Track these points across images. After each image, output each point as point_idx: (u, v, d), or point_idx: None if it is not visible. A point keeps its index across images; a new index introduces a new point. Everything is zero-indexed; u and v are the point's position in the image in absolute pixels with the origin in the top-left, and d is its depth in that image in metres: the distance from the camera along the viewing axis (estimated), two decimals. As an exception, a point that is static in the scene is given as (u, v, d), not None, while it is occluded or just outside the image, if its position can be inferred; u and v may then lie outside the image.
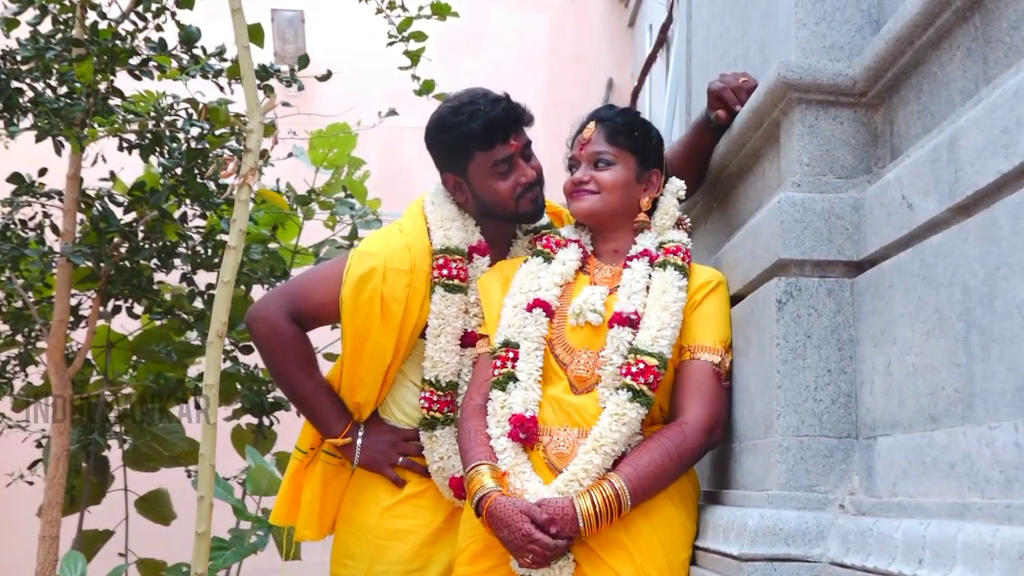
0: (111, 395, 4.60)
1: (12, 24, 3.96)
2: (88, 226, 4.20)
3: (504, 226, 2.79)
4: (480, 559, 2.44)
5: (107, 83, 3.92)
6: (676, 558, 2.38)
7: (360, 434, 2.73)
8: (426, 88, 4.13)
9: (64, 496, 4.12)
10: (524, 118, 2.69)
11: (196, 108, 3.80)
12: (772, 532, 2.04)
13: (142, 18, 4.01)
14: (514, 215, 2.72)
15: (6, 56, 3.88)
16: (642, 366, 2.38)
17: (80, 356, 4.17)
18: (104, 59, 3.83)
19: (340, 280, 2.67)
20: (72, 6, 3.94)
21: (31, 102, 3.87)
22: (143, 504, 4.80)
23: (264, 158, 3.37)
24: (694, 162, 2.78)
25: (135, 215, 4.21)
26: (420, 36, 4.12)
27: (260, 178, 3.11)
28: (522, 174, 2.68)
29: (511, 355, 2.49)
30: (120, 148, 4.06)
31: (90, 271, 4.19)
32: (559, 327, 2.52)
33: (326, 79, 4.10)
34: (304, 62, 4.08)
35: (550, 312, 2.52)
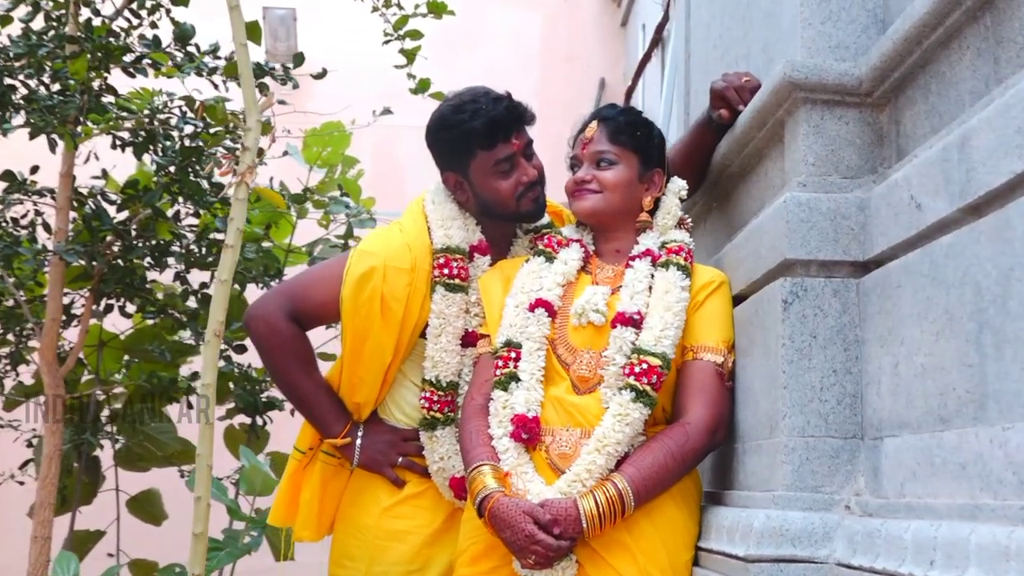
0: (103, 394, 4.57)
1: (5, 21, 3.93)
2: (80, 224, 4.17)
3: (505, 225, 2.78)
4: (482, 560, 2.43)
5: (101, 80, 3.89)
6: (679, 559, 2.37)
7: (360, 434, 2.72)
8: (422, 87, 4.11)
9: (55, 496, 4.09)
10: (526, 117, 2.68)
11: (193, 106, 3.77)
12: (778, 533, 2.03)
13: (136, 15, 3.98)
14: (515, 214, 2.71)
15: (-2, 52, 3.85)
16: (645, 366, 2.37)
17: (73, 355, 4.14)
18: (98, 56, 3.80)
19: (340, 279, 2.66)
20: (65, 2, 3.91)
21: (24, 99, 3.83)
22: (134, 504, 4.77)
23: (260, 156, 3.35)
24: (695, 162, 2.77)
25: (128, 213, 4.18)
26: (416, 34, 4.10)
27: (256, 177, 3.08)
28: (524, 173, 2.66)
29: (513, 355, 2.48)
30: (113, 146, 4.03)
31: (82, 270, 4.16)
32: (561, 327, 2.51)
33: (322, 77, 4.08)
34: (299, 60, 4.06)
35: (552, 312, 2.51)
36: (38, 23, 3.97)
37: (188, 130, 4.01)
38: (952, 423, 1.72)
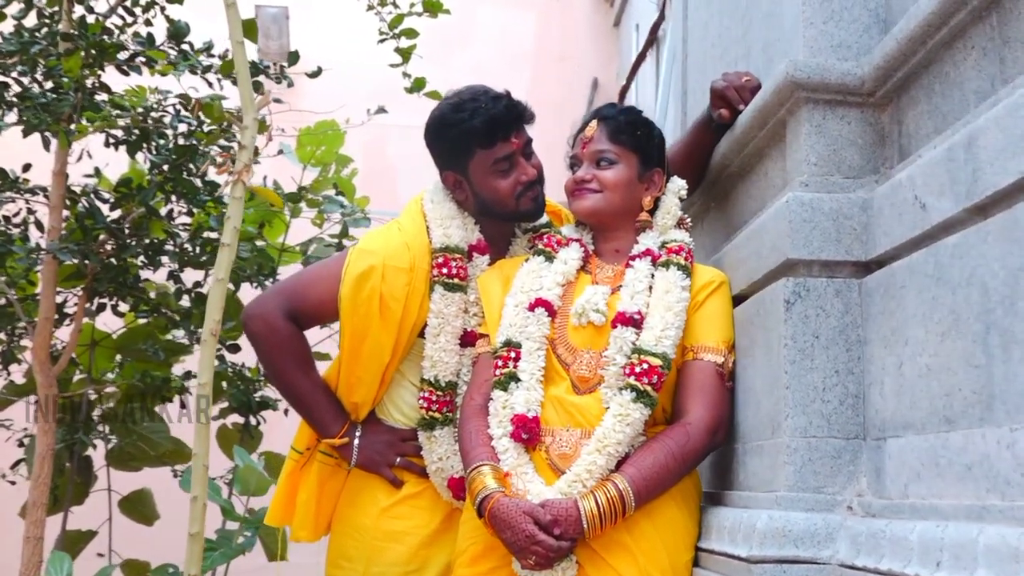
0: (95, 394, 4.55)
1: (-2, 17, 3.91)
2: (73, 223, 4.15)
3: (503, 225, 2.77)
4: (481, 560, 2.42)
5: (95, 78, 3.87)
6: (679, 559, 2.36)
7: (357, 434, 2.70)
8: (417, 85, 4.10)
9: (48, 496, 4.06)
10: (525, 116, 2.67)
11: (189, 104, 3.75)
12: (781, 534, 2.02)
13: (130, 13, 3.96)
14: (514, 213, 2.70)
15: (-10, 50, 3.83)
16: (646, 366, 2.36)
17: (66, 354, 4.12)
18: (92, 54, 3.78)
19: (338, 278, 2.64)
20: (59, -1, 3.89)
21: (18, 97, 3.81)
22: (126, 504, 4.75)
23: (255, 155, 3.33)
24: (695, 161, 2.77)
25: (121, 212, 4.16)
26: (411, 33, 4.09)
27: (252, 175, 3.06)
28: (523, 172, 2.65)
29: (513, 355, 2.47)
30: (107, 144, 4.01)
31: (75, 268, 4.14)
32: (561, 327, 2.50)
33: (317, 75, 4.07)
34: (295, 58, 4.05)
35: (552, 312, 2.50)
36: (31, 20, 3.95)
37: (182, 128, 3.99)
38: (958, 424, 1.72)
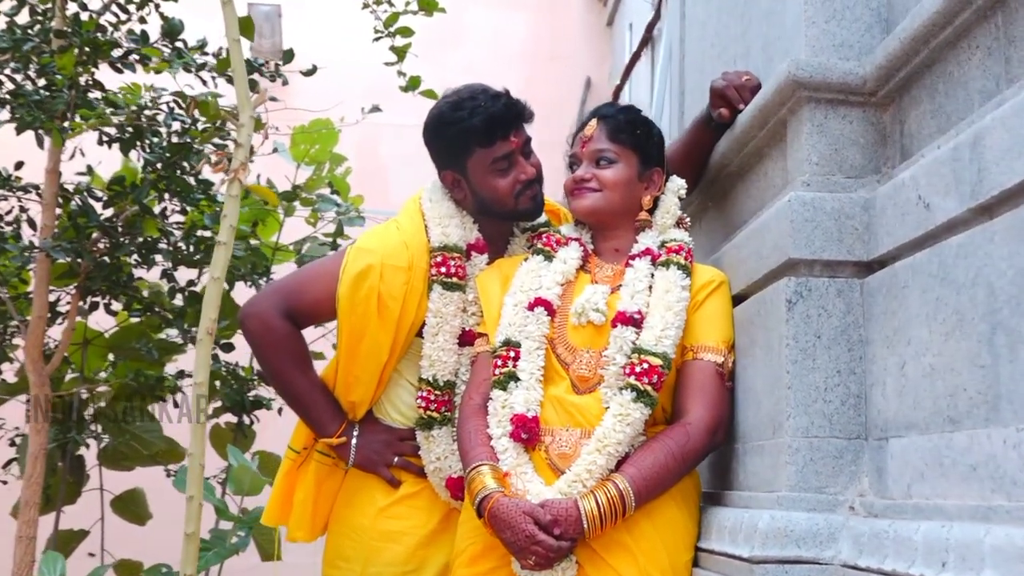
0: (87, 393, 4.52)
1: (-10, 14, 3.89)
2: (66, 221, 4.12)
3: (502, 224, 2.76)
4: (480, 560, 2.41)
5: (88, 76, 3.85)
6: (679, 559, 2.36)
7: (355, 434, 2.69)
8: (412, 84, 4.08)
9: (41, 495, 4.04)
10: (524, 114, 2.66)
11: (184, 101, 3.73)
12: (783, 534, 2.02)
13: (124, 10, 3.94)
14: (513, 212, 2.69)
15: (-19, 47, 3.80)
16: (646, 366, 2.35)
17: (59, 353, 4.09)
18: (86, 51, 3.75)
19: (336, 277, 2.63)
20: (52, -4, 3.86)
21: (10, 94, 3.78)
22: (119, 504, 4.72)
23: (251, 153, 3.32)
24: (693, 160, 2.76)
25: (114, 210, 4.14)
26: (407, 32, 4.07)
27: (249, 173, 3.04)
28: (522, 171, 2.65)
29: (512, 354, 2.46)
30: (100, 142, 3.99)
31: (68, 266, 4.11)
32: (560, 326, 2.49)
33: (311, 74, 4.05)
34: (290, 56, 4.03)
35: (552, 311, 2.49)
36: (23, 17, 3.92)
37: (176, 126, 3.97)
38: (962, 424, 1.71)
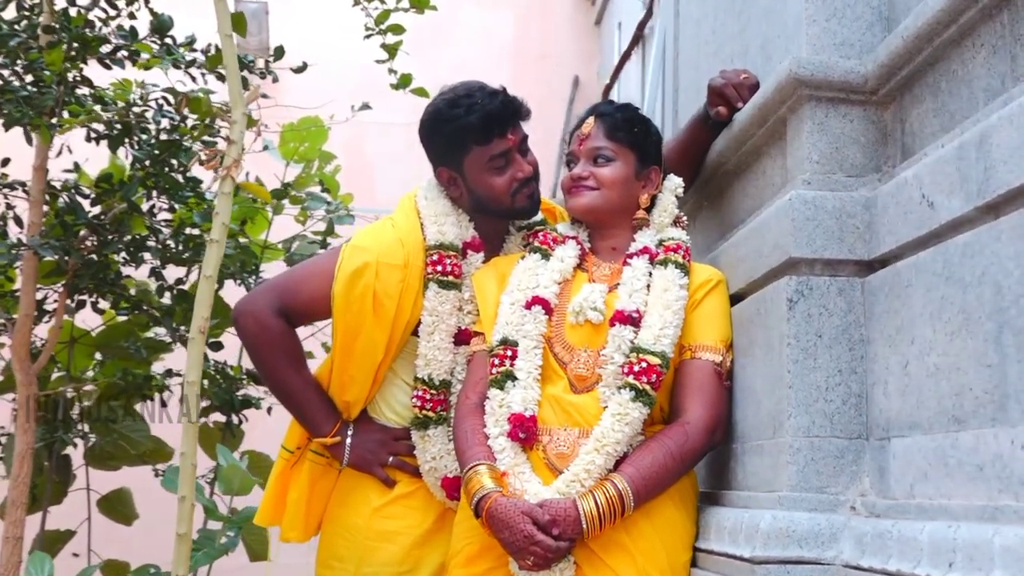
0: (73, 392, 4.48)
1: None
2: (53, 218, 4.09)
3: (498, 222, 2.74)
4: (477, 561, 2.39)
5: (76, 72, 3.81)
6: (677, 559, 2.35)
7: (349, 433, 2.67)
8: (403, 82, 4.06)
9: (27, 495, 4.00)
10: (521, 112, 2.65)
11: (176, 98, 3.70)
12: (785, 534, 2.01)
13: (113, 5, 3.91)
14: (510, 210, 2.68)
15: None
16: (644, 365, 2.34)
17: (46, 352, 4.05)
18: (74, 47, 3.72)
19: (331, 275, 2.61)
20: (40, -8, 3.83)
21: (-2, 90, 3.75)
22: (105, 504, 4.68)
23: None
24: (690, 159, 2.75)
25: (101, 208, 4.10)
26: (398, 29, 4.04)
27: (242, 171, 3.02)
28: (519, 169, 2.63)
29: (509, 353, 2.44)
30: (88, 139, 3.95)
31: (55, 264, 4.08)
32: (558, 325, 2.48)
33: (302, 71, 4.03)
34: (280, 53, 4.00)
35: (549, 310, 2.48)
36: (9, 12, 3.88)
37: (165, 123, 3.94)
38: (968, 424, 1.70)
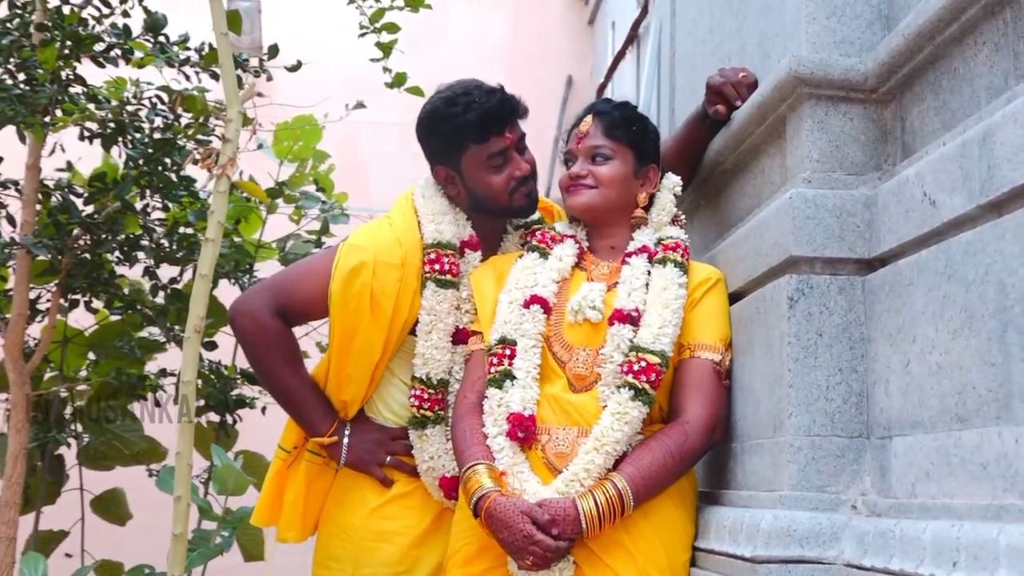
0: (66, 392, 4.46)
1: (-31, 9, 3.82)
2: (45, 217, 4.06)
3: (495, 221, 2.73)
4: (475, 561, 2.38)
5: (70, 70, 3.79)
6: (677, 559, 2.34)
7: (346, 433, 2.66)
8: (398, 81, 4.04)
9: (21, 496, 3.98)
10: (519, 110, 2.64)
11: (171, 96, 3.68)
12: (786, 533, 2.00)
13: (106, 4, 3.88)
14: (507, 209, 2.67)
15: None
16: (644, 364, 2.33)
17: (39, 351, 4.03)
18: (68, 45, 3.70)
19: (328, 274, 2.60)
20: (32, -10, 3.80)
21: (-9, 88, 3.72)
22: (98, 504, 4.65)
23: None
24: (687, 158, 2.74)
25: (94, 207, 4.08)
26: (393, 27, 4.02)
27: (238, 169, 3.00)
28: (516, 167, 2.62)
29: (508, 352, 2.43)
30: (81, 137, 3.93)
31: (48, 264, 4.05)
32: (556, 324, 2.47)
33: (296, 69, 4.01)
34: (275, 51, 3.98)
35: (548, 309, 2.47)
36: (2, 10, 3.86)
37: (158, 122, 3.92)
38: (971, 422, 1.70)
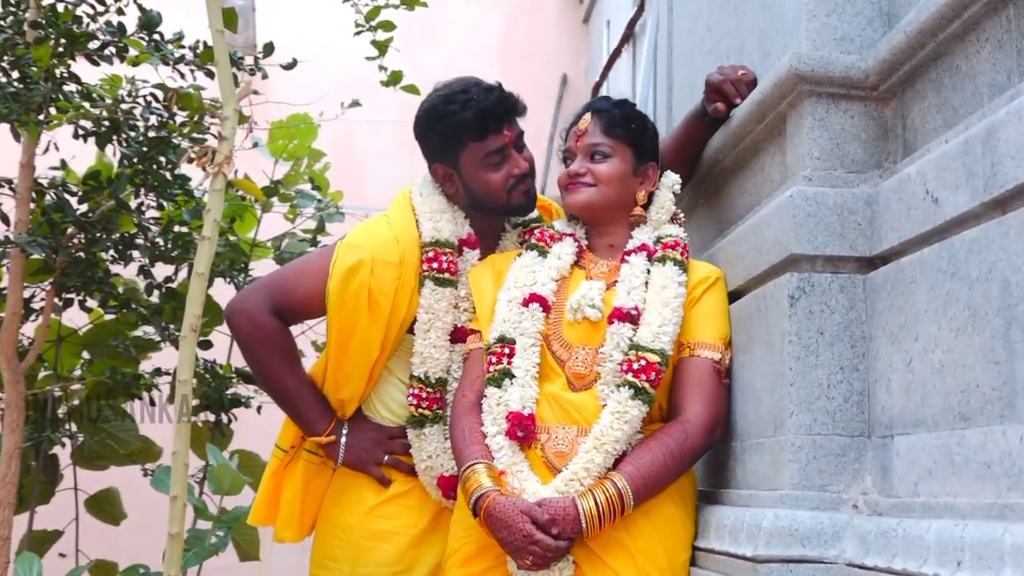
0: (60, 391, 4.44)
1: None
2: (39, 216, 4.04)
3: (493, 219, 2.72)
4: (474, 560, 2.37)
5: (64, 68, 3.77)
6: (677, 559, 2.33)
7: (344, 432, 2.65)
8: (394, 79, 4.03)
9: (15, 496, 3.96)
10: (517, 108, 2.63)
11: (167, 94, 3.67)
12: (787, 533, 1.99)
13: (101, 1, 3.87)
14: (506, 207, 2.66)
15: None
16: (643, 363, 2.32)
17: (34, 350, 4.01)
18: (62, 43, 3.68)
19: (326, 273, 2.59)
20: (26, -13, 3.78)
21: (-16, 86, 3.70)
22: (93, 504, 4.63)
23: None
24: (686, 156, 2.73)
25: (89, 205, 4.06)
26: (388, 26, 4.01)
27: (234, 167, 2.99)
28: (515, 165, 2.61)
29: (507, 351, 2.42)
30: (76, 136, 3.92)
31: (42, 262, 4.03)
32: (555, 323, 2.46)
33: (291, 68, 3.99)
34: (270, 49, 3.97)
35: (547, 307, 2.46)
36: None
37: (153, 120, 3.90)
38: (975, 421, 1.69)
